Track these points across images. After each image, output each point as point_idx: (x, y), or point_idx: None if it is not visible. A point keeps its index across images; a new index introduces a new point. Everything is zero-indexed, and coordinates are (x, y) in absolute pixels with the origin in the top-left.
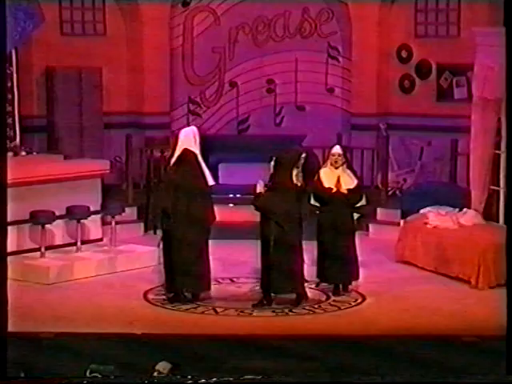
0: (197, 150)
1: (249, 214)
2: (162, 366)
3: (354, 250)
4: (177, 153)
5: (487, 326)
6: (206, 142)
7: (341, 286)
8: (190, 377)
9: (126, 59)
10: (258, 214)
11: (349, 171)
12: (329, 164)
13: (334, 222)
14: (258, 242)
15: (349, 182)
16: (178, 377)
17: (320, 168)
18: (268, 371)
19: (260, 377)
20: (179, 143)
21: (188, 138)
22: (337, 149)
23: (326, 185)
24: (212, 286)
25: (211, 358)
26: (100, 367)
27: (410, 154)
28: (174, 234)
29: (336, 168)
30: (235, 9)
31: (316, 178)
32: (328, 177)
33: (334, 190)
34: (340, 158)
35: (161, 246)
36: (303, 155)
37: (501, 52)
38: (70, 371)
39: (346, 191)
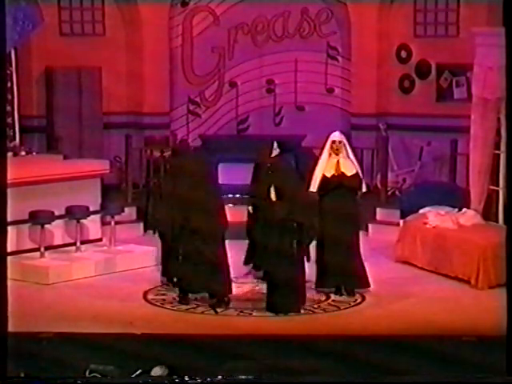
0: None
1: None
2: (159, 372)
3: (358, 250)
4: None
5: (487, 326)
6: (205, 142)
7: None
8: (187, 377)
9: (126, 59)
10: None
11: (349, 159)
12: (327, 151)
13: (336, 210)
14: None
15: (350, 168)
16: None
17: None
18: (267, 371)
19: (254, 377)
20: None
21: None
22: (335, 136)
23: (327, 172)
24: None
25: (211, 357)
26: (99, 367)
27: (410, 154)
28: None
29: (336, 155)
30: (234, 9)
31: (312, 167)
32: (327, 164)
33: (335, 174)
34: (340, 145)
35: None
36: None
37: (500, 52)
38: (70, 371)
39: (347, 177)
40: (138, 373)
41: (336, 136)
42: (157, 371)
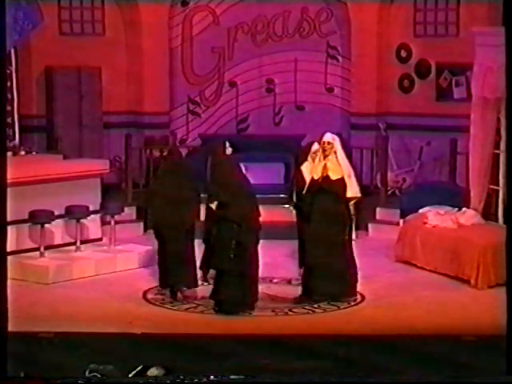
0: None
1: None
2: (155, 373)
3: (349, 255)
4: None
5: (487, 325)
6: (205, 142)
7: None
8: (182, 377)
9: (125, 59)
10: None
11: (341, 161)
12: (319, 153)
13: (320, 213)
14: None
15: (336, 172)
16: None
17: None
18: (267, 370)
19: (254, 377)
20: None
21: None
22: (327, 137)
23: (314, 175)
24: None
25: (211, 357)
26: (99, 367)
27: (410, 154)
28: None
29: (325, 157)
30: (234, 8)
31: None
32: (315, 167)
33: (319, 177)
34: (329, 146)
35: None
36: None
37: (500, 51)
38: (70, 371)
39: (330, 181)
40: (137, 369)
41: (326, 137)
42: (153, 372)
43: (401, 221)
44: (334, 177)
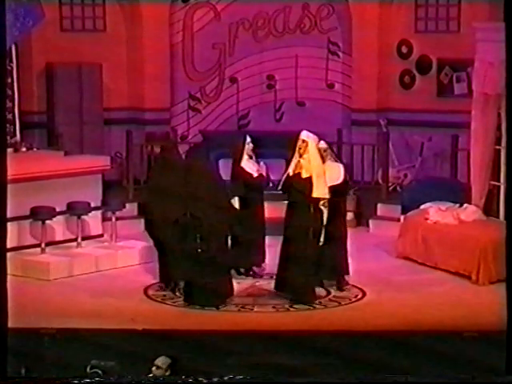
0: None
1: None
2: (161, 361)
3: (319, 253)
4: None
5: (487, 321)
6: (206, 138)
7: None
8: (183, 376)
9: (126, 55)
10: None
11: (312, 160)
12: (296, 151)
13: (290, 211)
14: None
15: (307, 170)
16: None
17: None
18: (267, 367)
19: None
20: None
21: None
22: (302, 135)
23: (290, 172)
24: None
25: (212, 353)
26: (101, 363)
27: (411, 150)
28: None
29: (301, 155)
30: (235, 4)
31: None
32: (294, 163)
33: (291, 174)
34: (303, 144)
35: None
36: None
37: (501, 47)
38: (71, 367)
39: (300, 179)
40: (150, 375)
41: (301, 135)
42: (160, 361)
43: (402, 217)
44: (304, 175)
